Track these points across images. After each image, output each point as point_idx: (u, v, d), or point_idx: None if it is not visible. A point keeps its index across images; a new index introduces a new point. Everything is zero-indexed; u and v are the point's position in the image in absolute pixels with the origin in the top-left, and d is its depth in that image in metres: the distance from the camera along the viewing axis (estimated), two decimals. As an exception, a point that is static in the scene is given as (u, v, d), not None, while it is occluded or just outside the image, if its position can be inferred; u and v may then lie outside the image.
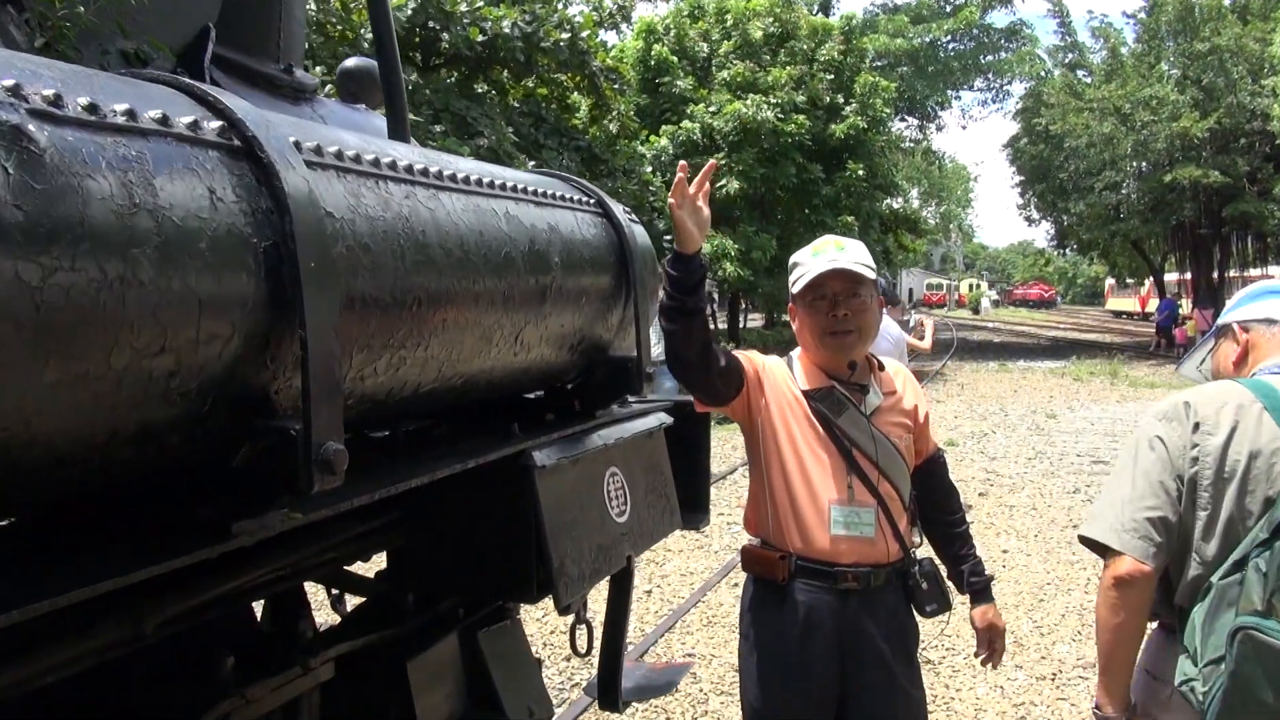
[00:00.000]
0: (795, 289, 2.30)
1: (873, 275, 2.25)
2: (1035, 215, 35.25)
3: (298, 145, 1.46)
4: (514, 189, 2.10)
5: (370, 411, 1.76)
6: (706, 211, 2.10)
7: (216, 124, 1.32)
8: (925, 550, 2.40)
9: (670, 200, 2.07)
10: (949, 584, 2.40)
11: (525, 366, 2.19)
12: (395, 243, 1.60)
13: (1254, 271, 32.35)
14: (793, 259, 2.33)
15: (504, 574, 2.19)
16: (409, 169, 1.73)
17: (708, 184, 2.09)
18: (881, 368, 2.37)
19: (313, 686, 2.13)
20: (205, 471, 1.41)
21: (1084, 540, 1.97)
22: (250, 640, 2.14)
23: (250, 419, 1.37)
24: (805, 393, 2.30)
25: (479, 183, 1.96)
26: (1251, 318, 2.06)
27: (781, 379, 2.35)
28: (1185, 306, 30.81)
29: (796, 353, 2.39)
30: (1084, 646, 4.79)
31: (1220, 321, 2.16)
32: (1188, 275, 32.49)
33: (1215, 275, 29.73)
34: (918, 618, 2.34)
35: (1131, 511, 1.85)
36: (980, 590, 2.37)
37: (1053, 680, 4.41)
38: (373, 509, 2.30)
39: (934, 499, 2.43)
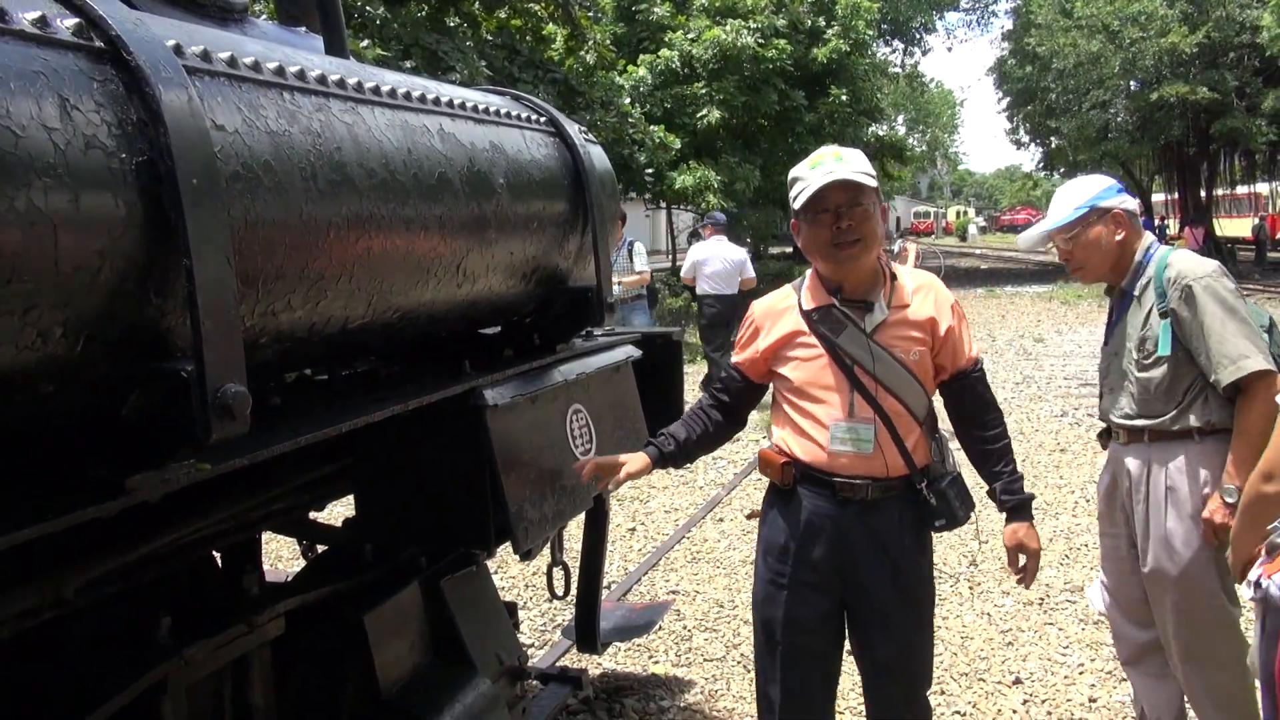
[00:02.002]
0: (797, 204, 2.21)
1: (874, 183, 2.18)
2: (1024, 139, 34.76)
3: (178, 49, 1.28)
4: (449, 104, 1.92)
5: (294, 350, 1.61)
6: (629, 470, 2.25)
7: (72, 22, 1.14)
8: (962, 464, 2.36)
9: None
10: (968, 502, 2.34)
11: (472, 299, 2.04)
12: (304, 161, 1.43)
13: (1241, 189, 32.13)
14: (791, 174, 2.25)
15: (460, 521, 2.07)
16: (321, 79, 1.55)
17: (604, 467, 2.24)
18: (894, 277, 2.28)
19: (260, 644, 2.01)
20: (96, 423, 1.27)
21: (1244, 379, 2.40)
22: (193, 598, 2.01)
23: (137, 362, 1.22)
24: (806, 313, 2.27)
25: (406, 96, 1.78)
26: (1127, 208, 2.68)
27: (783, 312, 2.32)
28: (1173, 227, 30.58)
29: (809, 273, 2.34)
30: (1071, 570, 4.74)
31: (1098, 205, 2.66)
32: (1174, 195, 32.19)
33: (1204, 194, 29.48)
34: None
35: (1263, 344, 2.44)
36: (1013, 509, 2.33)
37: (1040, 605, 4.36)
38: (320, 456, 2.18)
39: (964, 415, 2.36)
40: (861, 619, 2.30)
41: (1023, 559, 2.35)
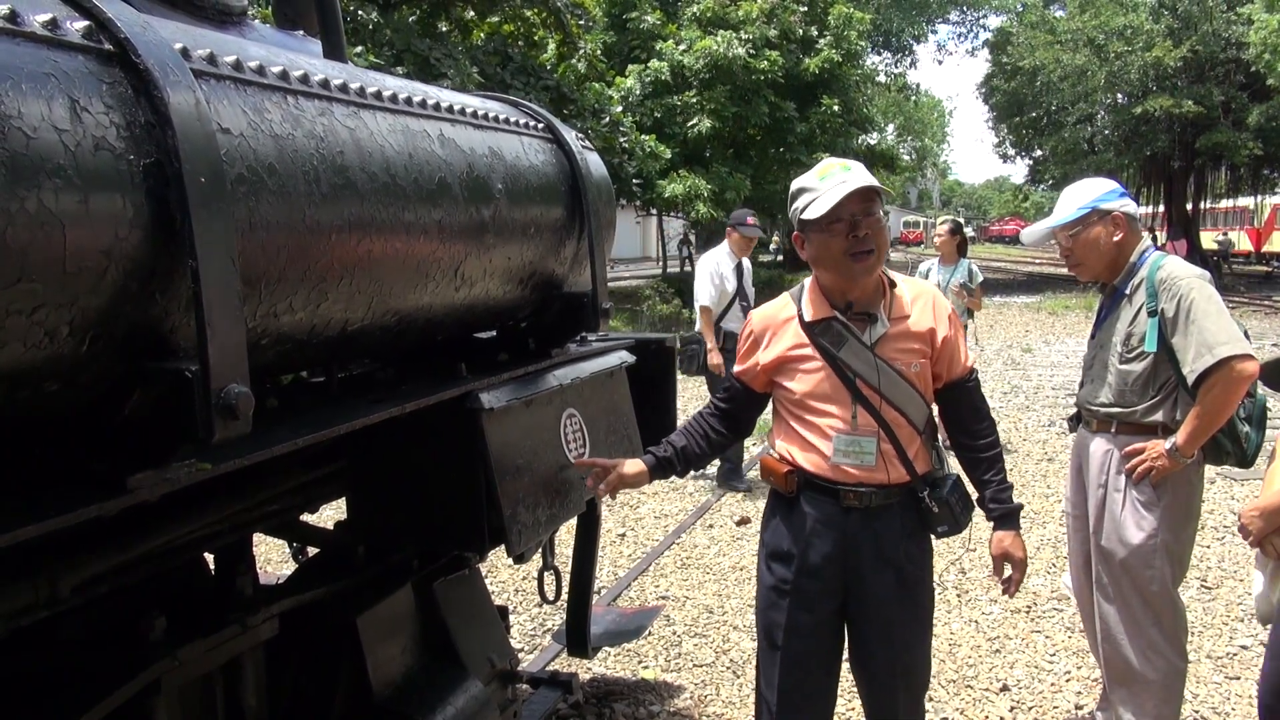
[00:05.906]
0: (808, 215, 2.16)
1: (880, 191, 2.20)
2: (1011, 151, 35.03)
3: (185, 52, 1.29)
4: (450, 109, 1.94)
5: (294, 352, 1.62)
6: (621, 472, 2.33)
7: (81, 24, 1.15)
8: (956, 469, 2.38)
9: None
10: (968, 506, 2.35)
11: (469, 303, 2.05)
12: (307, 164, 1.44)
13: (1225, 203, 32.44)
14: (796, 184, 2.24)
15: (455, 523, 2.08)
16: (324, 84, 1.56)
17: (600, 469, 2.33)
18: (893, 285, 2.29)
19: (254, 645, 2.02)
20: (99, 421, 1.28)
21: (1216, 365, 2.57)
22: (186, 599, 2.01)
23: (141, 361, 1.23)
24: (807, 325, 2.26)
25: (408, 102, 1.79)
26: (1127, 211, 2.81)
27: (783, 324, 2.31)
28: (1156, 239, 30.90)
29: (808, 282, 2.33)
30: (1058, 578, 4.77)
31: (1100, 206, 2.81)
32: (1160, 209, 32.49)
33: (1190, 207, 29.77)
34: (935, 540, 2.35)
35: (1239, 335, 2.62)
36: (1000, 517, 2.33)
37: (1027, 613, 4.39)
38: (315, 458, 2.18)
39: (957, 423, 2.38)
40: (863, 625, 2.31)
41: (1008, 568, 2.36)
